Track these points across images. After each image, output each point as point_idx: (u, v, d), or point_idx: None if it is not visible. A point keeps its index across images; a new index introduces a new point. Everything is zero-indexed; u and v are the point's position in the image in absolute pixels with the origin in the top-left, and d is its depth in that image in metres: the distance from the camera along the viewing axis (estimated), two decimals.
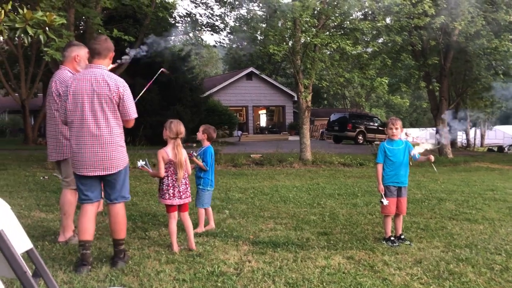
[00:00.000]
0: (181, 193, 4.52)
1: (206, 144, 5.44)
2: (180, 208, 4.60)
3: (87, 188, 3.97)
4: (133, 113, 3.99)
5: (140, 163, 4.65)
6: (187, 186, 4.59)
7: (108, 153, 3.87)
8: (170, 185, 4.48)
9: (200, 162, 5.27)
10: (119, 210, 4.04)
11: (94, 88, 3.82)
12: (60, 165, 4.65)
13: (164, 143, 4.63)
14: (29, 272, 1.80)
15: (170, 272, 3.83)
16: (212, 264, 4.06)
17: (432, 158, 5.02)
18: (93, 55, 3.99)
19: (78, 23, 16.44)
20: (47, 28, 5.01)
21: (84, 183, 3.96)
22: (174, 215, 4.56)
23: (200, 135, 5.46)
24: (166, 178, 4.49)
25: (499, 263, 4.30)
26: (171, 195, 4.47)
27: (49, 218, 5.74)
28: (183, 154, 4.52)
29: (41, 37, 4.81)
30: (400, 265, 4.20)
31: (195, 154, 5.26)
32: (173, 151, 4.46)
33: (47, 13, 4.81)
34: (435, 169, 6.31)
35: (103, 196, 4.27)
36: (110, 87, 3.83)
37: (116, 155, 3.91)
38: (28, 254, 2.05)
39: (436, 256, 4.49)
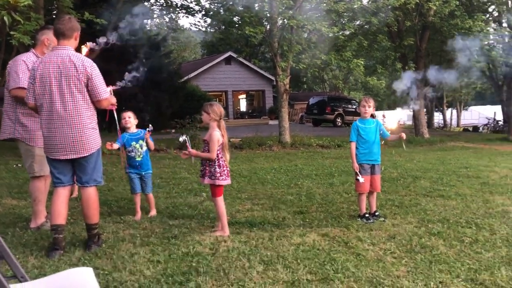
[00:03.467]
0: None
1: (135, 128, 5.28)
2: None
3: (59, 171, 3.90)
4: (103, 93, 3.86)
5: (182, 137, 4.65)
6: None
7: (78, 136, 3.77)
8: (224, 165, 4.46)
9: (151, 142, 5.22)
10: (91, 194, 3.96)
11: (61, 70, 3.70)
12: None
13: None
14: None
15: (145, 254, 3.80)
16: (188, 245, 4.05)
17: (404, 136, 5.09)
18: (58, 36, 3.84)
19: (49, 7, 15.97)
20: (14, 11, 4.87)
21: (56, 166, 3.89)
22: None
23: (133, 120, 5.25)
24: (220, 159, 4.44)
25: (469, 236, 4.40)
26: (226, 174, 4.46)
27: (21, 205, 5.64)
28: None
29: (5, 18, 4.68)
30: (374, 240, 4.26)
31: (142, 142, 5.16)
32: (220, 132, 4.45)
33: None
34: (404, 146, 6.42)
35: (75, 180, 4.20)
36: (77, 68, 3.71)
37: (87, 137, 3.81)
38: None
39: (409, 231, 4.56)
